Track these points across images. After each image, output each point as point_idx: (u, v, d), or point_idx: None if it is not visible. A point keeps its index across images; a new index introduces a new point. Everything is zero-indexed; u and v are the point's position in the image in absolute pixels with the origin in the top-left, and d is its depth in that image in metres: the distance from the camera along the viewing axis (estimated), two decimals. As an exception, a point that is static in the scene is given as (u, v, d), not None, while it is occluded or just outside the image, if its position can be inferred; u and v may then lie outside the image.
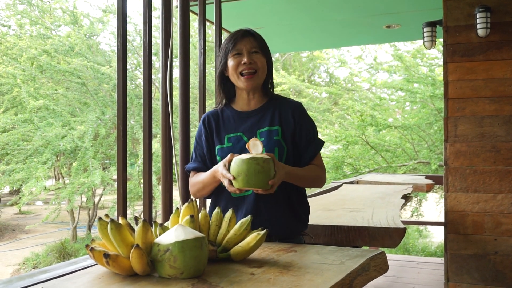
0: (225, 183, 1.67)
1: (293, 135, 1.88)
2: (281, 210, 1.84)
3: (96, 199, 13.36)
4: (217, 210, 1.56)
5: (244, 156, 1.59)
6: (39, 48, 11.39)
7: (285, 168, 1.72)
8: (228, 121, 1.93)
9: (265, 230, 1.45)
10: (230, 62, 1.86)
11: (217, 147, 1.91)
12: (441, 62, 10.55)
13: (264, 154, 1.61)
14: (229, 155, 1.68)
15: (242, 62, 1.83)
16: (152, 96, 2.31)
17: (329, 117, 13.03)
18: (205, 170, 1.91)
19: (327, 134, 10.94)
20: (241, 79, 1.85)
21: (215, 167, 1.77)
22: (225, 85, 1.95)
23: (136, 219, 1.38)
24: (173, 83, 2.46)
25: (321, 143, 1.95)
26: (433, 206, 11.70)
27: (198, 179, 1.91)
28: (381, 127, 10.58)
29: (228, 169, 1.64)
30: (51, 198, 11.48)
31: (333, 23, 4.88)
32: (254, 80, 1.85)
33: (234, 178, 1.59)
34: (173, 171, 2.39)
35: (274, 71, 2.02)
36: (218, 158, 1.90)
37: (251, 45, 1.85)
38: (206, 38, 2.75)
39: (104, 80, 11.36)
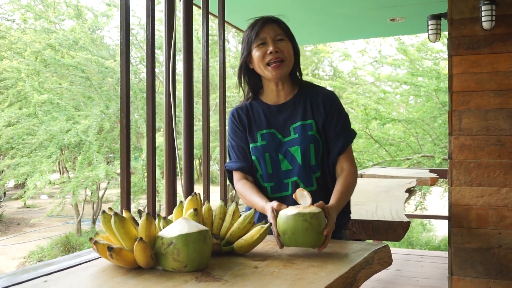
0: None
1: (324, 126, 1.79)
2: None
3: (101, 193, 13.40)
4: (220, 203, 1.56)
5: (290, 211, 1.44)
6: (43, 42, 11.39)
7: (333, 208, 1.57)
8: (258, 115, 1.84)
9: (268, 224, 1.45)
10: (255, 53, 1.75)
11: (251, 145, 1.83)
12: (445, 55, 10.52)
13: (313, 207, 1.45)
14: (275, 205, 1.52)
15: (268, 51, 1.72)
16: (156, 90, 2.31)
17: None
18: (249, 169, 1.83)
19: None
20: (268, 69, 1.75)
21: (265, 207, 1.60)
22: (250, 78, 1.86)
23: (139, 212, 1.39)
24: (177, 77, 2.45)
25: (351, 136, 1.82)
26: (437, 200, 11.69)
27: (248, 196, 1.76)
28: (385, 120, 10.56)
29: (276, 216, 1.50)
30: (56, 192, 11.52)
31: (337, 16, 4.85)
32: (282, 69, 1.75)
33: (279, 235, 1.45)
34: (177, 164, 2.39)
35: None
36: (253, 157, 1.82)
37: (275, 33, 1.74)
38: (210, 32, 2.74)
39: (108, 74, 11.36)
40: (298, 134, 1.77)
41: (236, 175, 1.87)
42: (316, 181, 1.77)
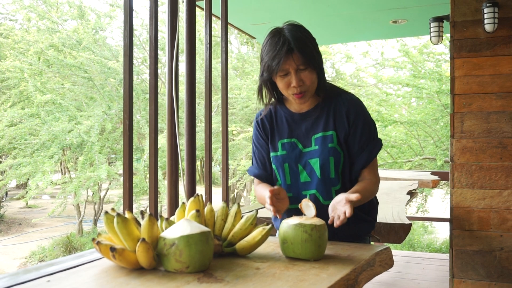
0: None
1: (347, 138, 1.76)
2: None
3: (102, 194, 13.42)
4: (222, 204, 1.56)
5: (292, 220, 1.44)
6: (46, 42, 11.42)
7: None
8: (282, 123, 1.84)
9: (270, 225, 1.46)
10: (279, 83, 1.73)
11: (272, 154, 1.84)
12: (447, 57, 10.51)
13: (316, 218, 1.44)
14: (273, 189, 1.57)
15: (292, 85, 1.69)
16: (158, 91, 2.31)
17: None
18: (266, 177, 1.87)
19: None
20: (292, 97, 1.74)
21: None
22: (274, 86, 1.82)
23: (142, 213, 1.39)
24: (179, 78, 2.46)
25: (376, 147, 1.79)
26: (438, 202, 11.68)
27: (258, 194, 1.84)
28: (387, 122, 10.56)
29: (273, 204, 1.55)
30: (58, 192, 11.54)
31: (339, 18, 4.86)
32: (305, 99, 1.73)
33: (284, 243, 1.44)
34: (179, 166, 2.40)
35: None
36: (273, 166, 1.84)
37: (296, 63, 1.67)
38: (212, 33, 2.75)
39: (110, 74, 11.39)
40: (319, 146, 1.76)
41: (255, 180, 1.93)
42: (335, 194, 1.75)
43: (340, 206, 1.52)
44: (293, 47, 1.66)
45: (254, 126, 1.92)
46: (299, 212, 1.56)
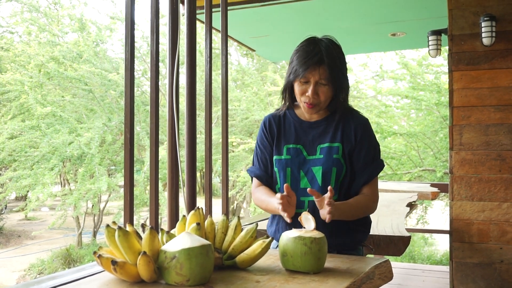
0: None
1: (351, 154, 1.81)
2: (340, 223, 1.73)
3: (102, 205, 13.39)
4: (222, 217, 1.57)
5: (292, 233, 1.45)
6: (47, 55, 11.47)
7: (336, 206, 1.63)
8: (289, 128, 1.88)
9: (270, 238, 1.46)
10: (297, 87, 1.79)
11: (275, 157, 1.87)
12: (446, 69, 10.56)
13: (315, 232, 1.45)
14: (280, 195, 1.61)
15: (306, 94, 1.76)
16: (159, 103, 2.33)
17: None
18: (267, 179, 1.89)
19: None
20: (302, 105, 1.80)
21: (275, 204, 1.67)
22: (291, 91, 1.87)
23: (143, 226, 1.40)
24: (180, 90, 2.48)
25: (379, 167, 1.85)
26: (438, 214, 11.66)
27: (262, 198, 1.86)
28: (387, 134, 10.58)
29: (285, 209, 1.60)
30: (57, 204, 11.52)
31: (338, 31, 4.89)
32: (314, 110, 1.79)
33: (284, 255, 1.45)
34: (179, 177, 2.40)
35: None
36: (275, 169, 1.86)
37: (319, 77, 1.73)
38: (212, 45, 2.77)
39: (111, 86, 11.43)
40: (323, 155, 1.80)
41: (254, 181, 1.95)
42: None
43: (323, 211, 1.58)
44: (324, 60, 1.73)
45: (260, 128, 1.95)
46: (296, 218, 1.59)
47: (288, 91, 1.88)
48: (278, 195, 1.63)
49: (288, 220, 1.61)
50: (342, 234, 1.80)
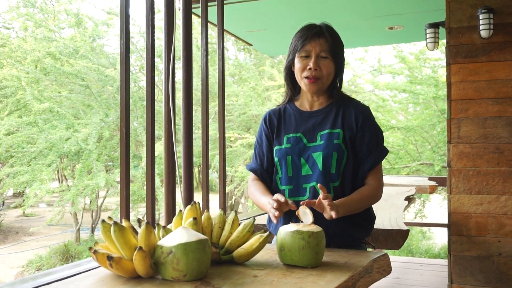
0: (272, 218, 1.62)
1: (353, 140, 1.80)
2: (340, 219, 1.65)
3: (99, 201, 13.38)
4: (219, 212, 1.56)
5: (290, 227, 1.44)
6: (43, 51, 11.43)
7: (339, 204, 1.63)
8: (289, 120, 1.89)
9: (267, 232, 1.45)
10: (297, 63, 1.79)
11: (276, 148, 1.87)
12: (444, 63, 10.54)
13: (313, 225, 1.45)
14: (275, 197, 1.62)
15: (308, 67, 1.75)
16: (155, 98, 2.31)
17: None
18: (261, 172, 1.90)
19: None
20: (304, 82, 1.79)
21: (267, 206, 1.67)
22: (291, 79, 1.89)
23: (139, 221, 1.39)
24: (176, 85, 2.46)
25: (383, 153, 1.83)
26: (436, 208, 11.68)
27: (255, 193, 1.86)
28: (384, 128, 10.58)
29: (279, 209, 1.59)
30: (55, 201, 11.51)
31: (336, 25, 4.82)
32: (316, 86, 1.78)
33: (282, 250, 1.45)
34: (176, 173, 2.39)
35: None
36: (276, 159, 1.86)
37: (320, 48, 1.75)
38: (209, 40, 2.76)
39: (107, 82, 11.39)
40: (324, 141, 1.79)
41: (251, 175, 1.95)
42: (333, 190, 1.77)
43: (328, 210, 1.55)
44: (324, 33, 1.77)
45: (260, 123, 1.96)
46: (298, 205, 1.57)
47: (289, 76, 1.89)
48: (275, 197, 1.62)
49: (274, 221, 1.60)
50: (343, 230, 1.78)
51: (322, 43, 1.75)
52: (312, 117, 1.86)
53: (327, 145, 1.78)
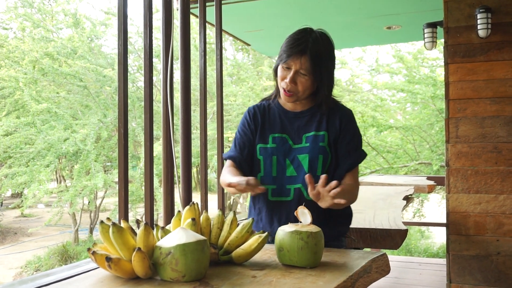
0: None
1: (335, 141, 1.82)
2: (320, 215, 1.72)
3: (98, 202, 13.36)
4: (218, 212, 1.56)
5: (288, 228, 1.44)
6: (41, 51, 11.40)
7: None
8: (274, 118, 1.89)
9: (266, 233, 1.45)
10: (279, 72, 1.79)
11: (259, 145, 1.86)
12: (442, 62, 10.56)
13: (312, 226, 1.45)
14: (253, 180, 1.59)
15: (285, 80, 1.76)
16: (153, 98, 2.31)
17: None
18: (240, 160, 1.86)
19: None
20: (281, 91, 1.80)
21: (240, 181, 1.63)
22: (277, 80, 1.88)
23: (137, 222, 1.39)
24: (174, 85, 2.46)
25: (361, 156, 1.85)
26: (435, 207, 11.69)
27: (228, 175, 1.77)
28: (383, 128, 10.58)
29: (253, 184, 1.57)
30: (53, 201, 11.49)
31: (334, 24, 4.88)
32: (291, 99, 1.80)
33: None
34: (174, 173, 2.39)
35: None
36: (260, 157, 1.85)
37: (300, 66, 1.74)
38: (207, 40, 2.76)
39: (106, 82, 11.36)
40: (309, 143, 1.81)
41: (227, 163, 1.90)
42: None
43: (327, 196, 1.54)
44: (307, 52, 1.73)
45: (243, 116, 1.95)
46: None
47: (275, 76, 1.88)
48: (252, 179, 1.59)
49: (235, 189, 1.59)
50: (323, 226, 1.79)
51: (303, 61, 1.73)
52: (297, 118, 1.87)
53: (313, 148, 1.80)
